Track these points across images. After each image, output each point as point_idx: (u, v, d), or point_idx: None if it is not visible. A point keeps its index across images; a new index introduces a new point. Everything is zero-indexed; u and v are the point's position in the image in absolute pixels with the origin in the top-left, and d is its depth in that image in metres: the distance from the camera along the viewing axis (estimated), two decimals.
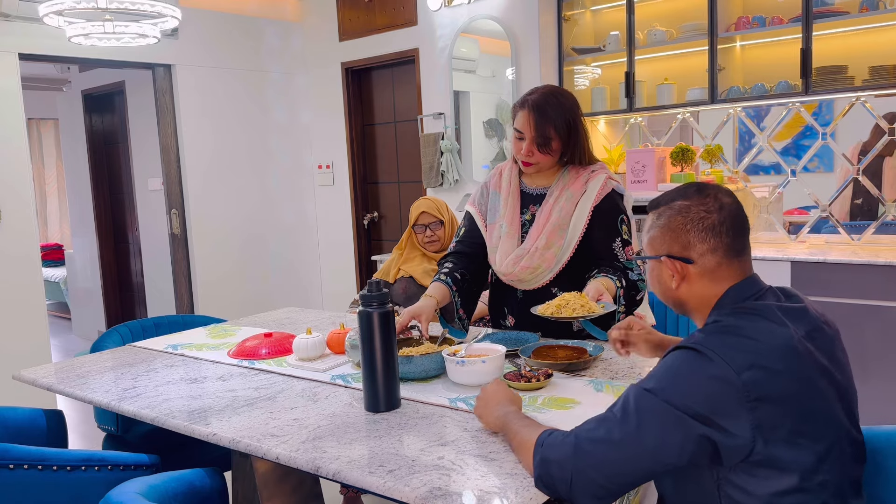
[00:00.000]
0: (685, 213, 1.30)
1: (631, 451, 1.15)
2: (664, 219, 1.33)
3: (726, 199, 1.31)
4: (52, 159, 9.36)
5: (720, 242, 1.28)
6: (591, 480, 1.16)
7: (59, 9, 2.89)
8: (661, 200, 1.36)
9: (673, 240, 1.31)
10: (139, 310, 6.03)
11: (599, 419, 1.21)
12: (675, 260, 1.30)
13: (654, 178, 3.82)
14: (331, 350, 2.12)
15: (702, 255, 1.29)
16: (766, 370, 1.13)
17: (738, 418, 1.11)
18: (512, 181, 2.19)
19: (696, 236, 1.28)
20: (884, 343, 3.06)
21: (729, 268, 1.29)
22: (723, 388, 1.12)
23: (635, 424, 1.15)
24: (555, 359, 1.87)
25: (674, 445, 1.13)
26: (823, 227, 3.79)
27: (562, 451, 1.18)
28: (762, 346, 1.16)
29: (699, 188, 1.33)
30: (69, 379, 2.04)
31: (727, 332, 1.19)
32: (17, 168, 3.95)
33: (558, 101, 2.04)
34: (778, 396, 1.13)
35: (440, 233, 2.87)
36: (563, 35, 4.22)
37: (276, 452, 1.44)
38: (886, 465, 1.38)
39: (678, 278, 1.31)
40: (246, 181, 5.03)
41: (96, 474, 1.61)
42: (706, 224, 1.28)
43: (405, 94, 4.98)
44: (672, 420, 1.13)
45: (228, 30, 4.87)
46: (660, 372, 1.19)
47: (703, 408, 1.12)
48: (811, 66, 3.40)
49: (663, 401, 1.14)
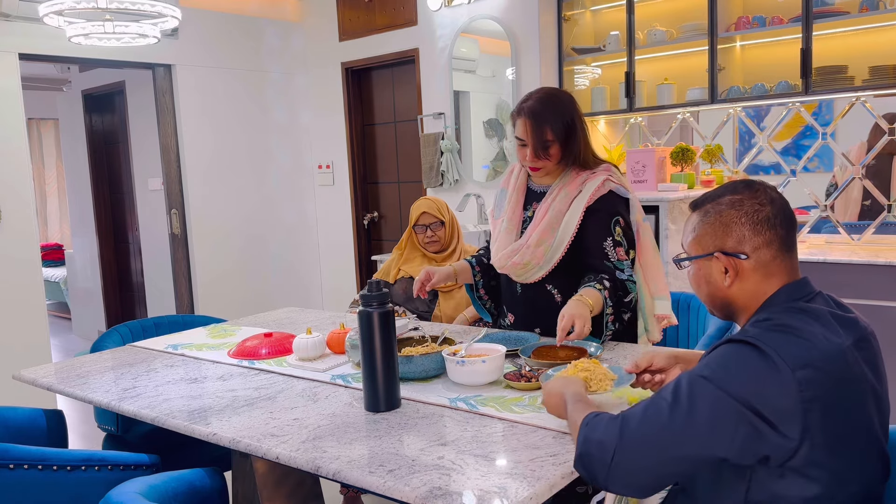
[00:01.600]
0: (738, 206, 1.26)
1: (681, 434, 1.12)
2: (713, 215, 1.28)
3: (775, 194, 1.28)
4: (52, 159, 9.36)
5: (775, 235, 1.25)
6: (633, 463, 1.13)
7: (59, 9, 2.89)
8: (707, 198, 1.32)
9: (726, 234, 1.26)
10: (139, 310, 6.03)
11: (647, 403, 1.18)
12: (729, 256, 1.26)
13: (654, 178, 3.82)
14: (331, 350, 2.12)
15: (756, 249, 1.25)
16: (820, 371, 1.11)
17: (790, 416, 1.09)
18: (520, 178, 2.22)
19: (750, 229, 1.25)
20: (884, 343, 3.05)
21: (783, 263, 1.26)
22: (778, 384, 1.10)
23: (687, 408, 1.12)
24: (555, 359, 1.87)
25: (725, 433, 1.10)
26: (823, 227, 3.79)
27: (606, 432, 1.16)
28: (816, 348, 1.14)
29: (747, 184, 1.30)
30: (69, 379, 2.04)
31: (782, 330, 1.16)
32: (17, 168, 3.95)
33: (554, 105, 2.04)
34: (828, 400, 1.11)
35: (441, 233, 2.85)
36: (563, 35, 4.22)
37: (276, 452, 1.44)
38: None
39: (732, 275, 1.26)
40: (246, 181, 5.03)
41: (96, 474, 1.61)
42: (761, 216, 1.25)
43: (405, 94, 4.98)
44: (727, 408, 1.10)
45: (228, 30, 4.87)
46: (714, 361, 1.16)
47: (758, 401, 1.10)
48: (811, 66, 3.40)
49: (718, 388, 1.12)
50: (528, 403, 1.61)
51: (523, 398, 1.64)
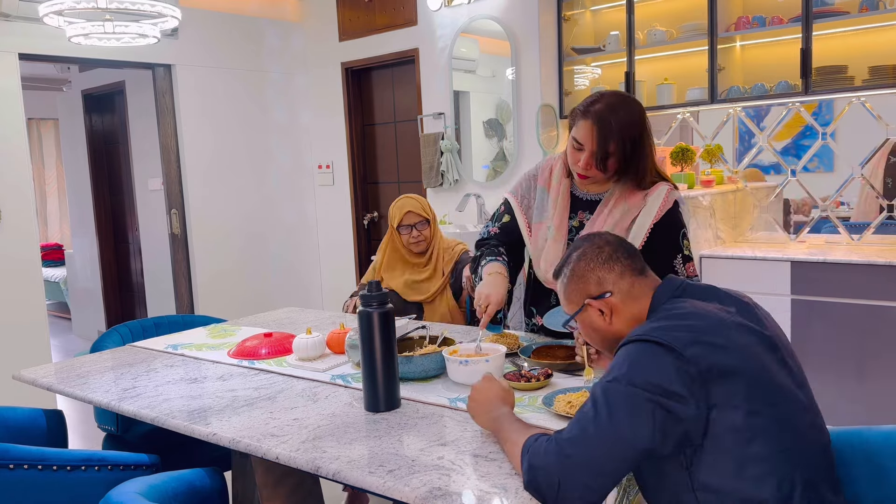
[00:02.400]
0: (583, 257, 1.44)
1: (608, 443, 1.19)
2: (569, 275, 1.46)
3: (608, 236, 1.48)
4: (52, 159, 9.36)
5: (623, 266, 1.42)
6: (577, 481, 1.18)
7: (59, 9, 2.89)
8: (560, 265, 1.50)
9: (586, 284, 1.43)
10: (139, 310, 6.03)
11: (574, 420, 1.25)
12: (597, 299, 1.41)
13: None
14: (331, 350, 2.12)
15: (615, 283, 1.41)
16: (708, 345, 1.22)
17: (692, 389, 1.18)
18: (563, 181, 2.03)
19: (601, 270, 1.42)
20: (884, 343, 3.06)
21: (642, 284, 1.42)
22: (674, 364, 1.20)
23: (606, 414, 1.20)
24: (555, 359, 1.87)
25: (645, 426, 1.18)
26: (823, 227, 3.79)
27: (546, 458, 1.21)
28: (699, 325, 1.26)
29: (583, 238, 1.49)
30: (69, 379, 2.04)
31: (665, 320, 1.29)
32: (17, 168, 3.95)
33: (626, 117, 1.83)
34: (724, 367, 1.20)
35: (426, 232, 2.73)
36: (563, 35, 4.22)
37: (276, 452, 1.44)
38: (885, 465, 1.37)
39: (607, 313, 1.41)
40: (246, 181, 5.03)
41: (96, 474, 1.61)
42: (604, 256, 1.43)
43: (405, 94, 4.98)
44: (639, 400, 1.19)
45: (228, 30, 4.87)
46: (617, 364, 1.26)
47: (662, 380, 1.19)
48: (811, 66, 3.40)
49: (626, 384, 1.20)
50: (528, 403, 1.61)
51: (523, 398, 1.64)
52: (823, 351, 3.19)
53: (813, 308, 3.21)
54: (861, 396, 3.13)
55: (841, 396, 3.16)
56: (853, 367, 3.13)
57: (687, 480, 1.23)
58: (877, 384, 3.09)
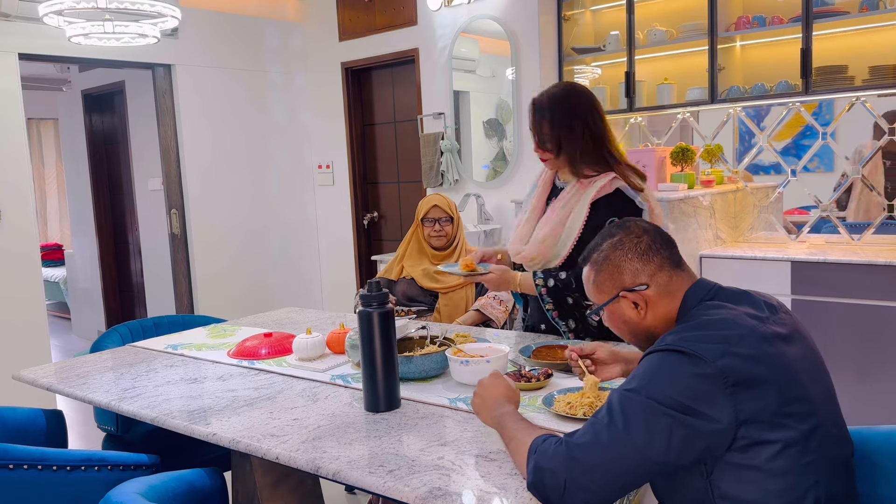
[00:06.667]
0: (619, 247, 1.38)
1: (620, 452, 1.16)
2: (602, 263, 1.39)
3: (646, 224, 1.41)
4: (52, 159, 9.35)
5: (662, 258, 1.36)
6: (584, 487, 1.16)
7: (58, 9, 2.89)
8: (590, 251, 1.43)
9: (621, 274, 1.37)
10: (139, 310, 6.02)
11: (587, 425, 1.22)
12: (632, 291, 1.35)
13: (654, 178, 3.82)
14: (331, 350, 2.12)
15: (652, 276, 1.35)
16: (739, 356, 1.17)
17: (719, 404, 1.15)
18: (547, 173, 2.24)
19: (639, 262, 1.36)
20: (884, 343, 3.06)
21: (679, 279, 1.36)
22: (701, 378, 1.16)
23: (622, 425, 1.17)
24: (555, 359, 1.87)
25: (661, 441, 1.15)
26: (823, 227, 3.79)
27: (554, 460, 1.19)
28: (731, 335, 1.20)
29: (619, 225, 1.42)
30: (69, 379, 2.04)
31: (695, 329, 1.24)
32: (17, 168, 3.95)
33: (561, 102, 2.05)
34: (754, 379, 1.16)
35: (448, 229, 2.90)
36: (563, 35, 4.22)
37: (276, 452, 1.44)
38: (885, 465, 1.38)
39: (642, 306, 1.36)
40: (246, 181, 5.03)
41: (96, 474, 1.61)
42: (642, 247, 1.36)
43: (405, 94, 4.98)
44: (656, 415, 1.15)
45: (228, 30, 4.87)
46: (639, 373, 1.22)
47: (685, 398, 1.15)
48: (811, 65, 3.40)
49: (646, 398, 1.17)
50: (528, 403, 1.61)
51: (523, 398, 1.64)
52: (823, 351, 3.15)
53: (813, 308, 3.21)
54: (861, 396, 3.13)
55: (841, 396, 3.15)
56: (853, 367, 3.13)
57: (707, 488, 1.20)
58: (877, 384, 3.09)
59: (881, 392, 3.09)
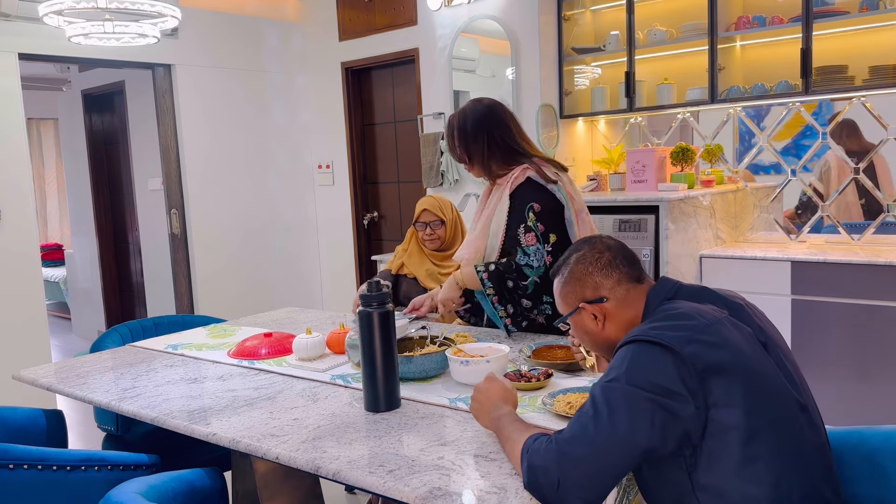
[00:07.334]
0: (583, 261, 1.45)
1: (607, 443, 1.19)
2: (567, 276, 1.47)
3: (610, 241, 1.48)
4: (52, 159, 9.35)
5: (621, 273, 1.43)
6: (576, 481, 1.18)
7: (58, 9, 2.89)
8: (559, 264, 1.51)
9: (583, 287, 1.44)
10: (139, 310, 6.02)
11: (573, 420, 1.25)
12: (592, 303, 1.42)
13: (654, 178, 3.82)
14: (331, 350, 2.12)
15: (611, 290, 1.42)
16: (704, 343, 1.23)
17: (691, 387, 1.19)
18: (486, 187, 2.39)
19: (600, 276, 1.43)
20: (884, 343, 3.06)
21: (637, 292, 1.42)
22: (672, 363, 1.21)
23: (606, 415, 1.20)
24: (555, 359, 1.87)
25: (644, 425, 1.19)
26: (823, 227, 3.79)
27: (545, 457, 1.21)
28: (694, 324, 1.26)
29: (585, 240, 1.50)
30: (69, 379, 2.04)
31: (661, 321, 1.30)
32: (17, 168, 3.95)
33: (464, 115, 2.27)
34: (720, 366, 1.21)
35: (440, 232, 2.87)
36: (563, 35, 4.22)
37: (276, 452, 1.44)
38: (884, 465, 1.38)
39: (600, 318, 1.42)
40: (246, 181, 5.03)
41: (96, 474, 1.61)
42: (603, 262, 1.43)
43: (405, 94, 4.98)
44: (638, 400, 1.19)
45: (228, 30, 4.87)
46: (616, 365, 1.27)
47: (661, 380, 1.20)
48: (811, 65, 3.40)
49: (626, 384, 1.21)
50: (528, 403, 1.61)
51: (523, 398, 1.64)
52: (823, 351, 3.19)
53: (813, 308, 3.21)
54: (861, 396, 3.13)
55: (841, 396, 3.17)
56: (853, 367, 3.13)
57: (687, 482, 1.23)
58: (877, 384, 3.09)
59: (881, 392, 3.09)
